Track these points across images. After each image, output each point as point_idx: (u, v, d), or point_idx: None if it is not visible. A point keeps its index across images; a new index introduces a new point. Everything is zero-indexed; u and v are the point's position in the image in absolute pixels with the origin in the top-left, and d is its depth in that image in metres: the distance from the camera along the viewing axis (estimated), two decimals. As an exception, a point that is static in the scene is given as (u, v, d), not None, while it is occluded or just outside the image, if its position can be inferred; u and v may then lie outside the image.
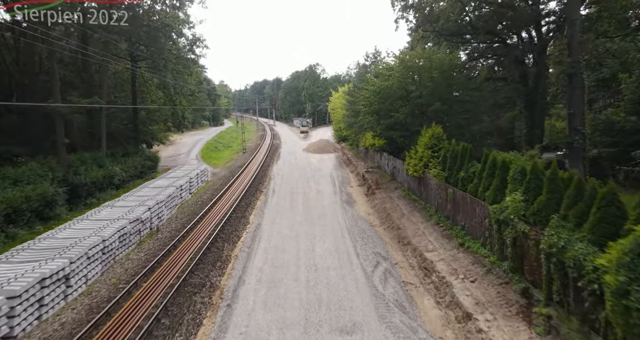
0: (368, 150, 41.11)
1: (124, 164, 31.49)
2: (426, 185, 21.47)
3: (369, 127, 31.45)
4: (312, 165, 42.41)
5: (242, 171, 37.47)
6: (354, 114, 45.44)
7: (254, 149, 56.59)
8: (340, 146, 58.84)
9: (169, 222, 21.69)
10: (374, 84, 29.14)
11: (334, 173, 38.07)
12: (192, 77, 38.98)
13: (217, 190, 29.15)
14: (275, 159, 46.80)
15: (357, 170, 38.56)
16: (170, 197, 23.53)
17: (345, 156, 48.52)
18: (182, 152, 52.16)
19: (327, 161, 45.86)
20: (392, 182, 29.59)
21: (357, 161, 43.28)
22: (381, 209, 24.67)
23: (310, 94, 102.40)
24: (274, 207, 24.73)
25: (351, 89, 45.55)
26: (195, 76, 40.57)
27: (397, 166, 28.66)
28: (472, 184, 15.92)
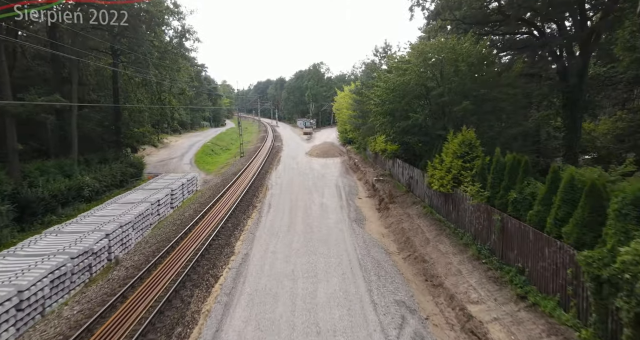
0: (378, 155, 36.71)
1: (99, 172, 27.34)
2: (457, 205, 17.05)
3: (381, 130, 27.02)
4: (315, 172, 38.07)
5: (236, 179, 33.23)
6: (361, 114, 41.09)
7: (253, 152, 52.35)
8: (346, 149, 54.44)
9: (137, 249, 17.43)
10: (388, 79, 24.74)
11: (339, 181, 33.70)
12: (180, 73, 34.86)
13: (204, 204, 24.88)
14: (275, 164, 42.50)
15: (366, 178, 34.18)
16: (143, 216, 19.30)
17: (352, 161, 44.14)
18: (174, 156, 48.03)
19: (332, 167, 41.49)
20: (408, 194, 25.19)
21: (365, 167, 38.90)
22: (398, 229, 20.28)
23: (314, 93, 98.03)
24: (267, 228, 20.39)
25: (358, 87, 41.21)
26: (184, 72, 36.36)
27: (415, 176, 24.25)
28: (533, 211, 11.50)
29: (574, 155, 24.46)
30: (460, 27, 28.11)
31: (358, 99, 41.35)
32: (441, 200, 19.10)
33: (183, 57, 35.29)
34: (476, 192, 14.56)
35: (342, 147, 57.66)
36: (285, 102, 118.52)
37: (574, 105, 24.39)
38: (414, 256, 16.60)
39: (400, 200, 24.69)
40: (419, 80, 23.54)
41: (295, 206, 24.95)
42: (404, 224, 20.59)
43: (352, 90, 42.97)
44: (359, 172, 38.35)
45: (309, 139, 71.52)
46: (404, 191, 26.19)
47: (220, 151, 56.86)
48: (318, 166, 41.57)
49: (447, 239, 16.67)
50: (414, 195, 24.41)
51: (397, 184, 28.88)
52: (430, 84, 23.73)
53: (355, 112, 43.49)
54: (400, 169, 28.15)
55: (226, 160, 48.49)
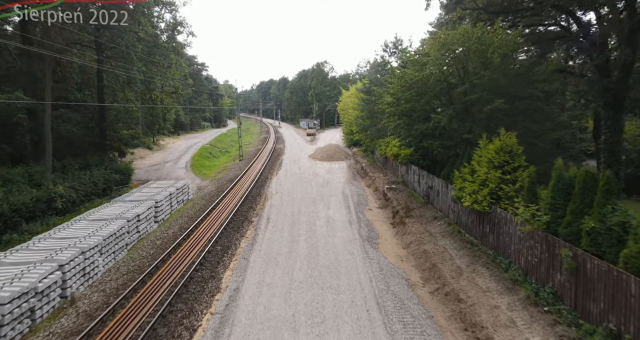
0: (388, 160, 33.39)
1: (77, 180, 24.20)
2: (496, 226, 13.72)
3: (396, 133, 23.69)
4: (319, 178, 34.79)
5: (233, 186, 30.03)
6: (370, 115, 37.87)
7: (254, 155, 49.15)
8: (352, 152, 51.13)
9: (103, 279, 14.22)
10: (404, 75, 21.42)
11: (347, 189, 30.40)
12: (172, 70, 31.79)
13: (193, 218, 21.68)
14: (275, 169, 39.25)
15: (376, 185, 30.87)
16: (116, 236, 16.10)
17: (359, 165, 40.84)
18: (169, 159, 44.88)
19: (338, 171, 38.19)
20: (426, 207, 21.86)
21: (374, 172, 35.58)
22: (419, 252, 16.96)
23: (318, 93, 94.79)
24: (264, 250, 17.11)
25: (367, 85, 37.95)
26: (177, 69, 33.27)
27: (435, 187, 20.91)
28: (629, 250, 8.17)
29: (617, 162, 21.07)
30: (481, 17, 24.76)
31: (366, 99, 38.10)
32: (473, 218, 15.76)
33: (175, 52, 32.14)
34: (530, 215, 11.22)
35: (347, 149, 54.36)
36: (288, 102, 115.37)
37: (617, 104, 21.03)
38: (445, 291, 13.27)
39: (418, 214, 21.36)
40: (441, 75, 20.25)
41: (297, 221, 21.67)
42: (426, 245, 17.27)
43: (359, 89, 39.74)
44: (367, 177, 35.05)
45: (313, 141, 68.28)
46: (421, 203, 22.87)
47: (219, 154, 53.70)
48: (322, 171, 38.29)
49: (486, 270, 13.33)
50: (434, 209, 21.08)
51: (412, 193, 25.56)
52: (452, 80, 20.43)
53: (363, 112, 40.24)
54: (416, 177, 24.82)
55: (224, 163, 45.29)
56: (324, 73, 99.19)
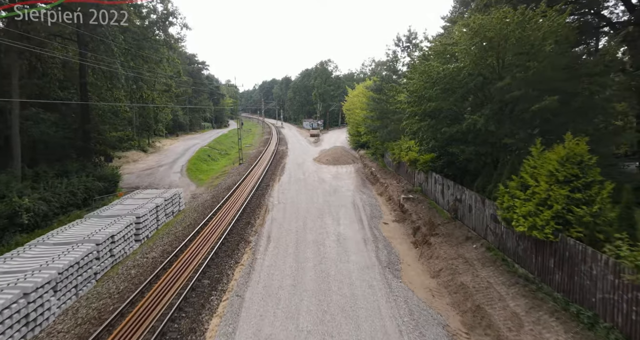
0: (402, 165, 30.05)
1: (51, 190, 21.04)
2: (570, 264, 10.37)
3: (418, 137, 20.29)
4: (326, 184, 31.49)
5: (230, 194, 26.79)
6: (380, 115, 34.52)
7: (255, 157, 45.90)
8: (359, 154, 47.80)
9: (56, 327, 10.97)
10: (429, 68, 18.05)
11: (357, 197, 27.10)
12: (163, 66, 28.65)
13: (180, 237, 18.43)
14: (278, 174, 35.97)
15: (389, 193, 27.56)
16: (78, 267, 12.88)
17: (368, 169, 37.53)
18: (164, 163, 41.71)
19: (345, 177, 34.87)
20: (454, 224, 18.52)
21: (386, 178, 32.26)
22: (454, 285, 13.64)
23: (321, 93, 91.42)
24: (263, 282, 13.81)
25: (377, 83, 34.62)
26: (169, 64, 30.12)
27: (466, 200, 17.56)
28: None
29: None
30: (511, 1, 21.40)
31: (377, 98, 34.76)
32: (526, 246, 12.43)
33: (168, 46, 28.91)
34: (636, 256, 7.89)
35: (354, 151, 51.03)
36: (291, 102, 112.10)
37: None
38: (500, 349, 9.96)
39: (445, 232, 18.03)
40: (474, 68, 16.90)
41: (303, 240, 18.38)
42: (462, 275, 13.94)
43: (369, 87, 36.42)
44: (378, 184, 31.73)
45: (317, 142, 64.98)
46: (447, 218, 19.53)
47: (218, 156, 50.49)
48: (329, 176, 34.98)
49: (557, 323, 9.98)
50: (464, 226, 17.74)
51: (433, 205, 22.23)
52: (488, 74, 17.08)
53: (373, 112, 36.91)
54: (439, 187, 21.48)
55: (223, 167, 42.07)
56: (328, 72, 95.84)
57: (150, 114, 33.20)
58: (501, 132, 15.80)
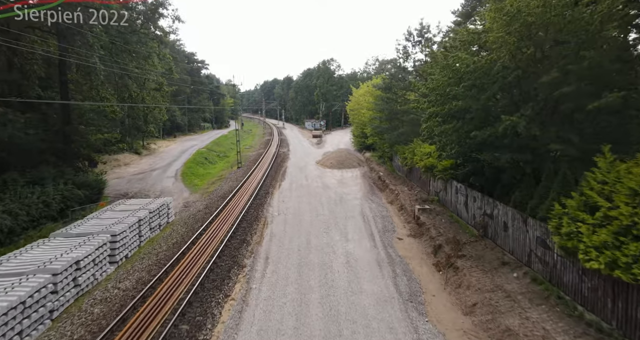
0: (415, 171, 27.27)
1: (19, 201, 18.35)
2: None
3: (441, 142, 17.47)
4: (330, 191, 28.73)
5: (226, 203, 24.08)
6: (389, 116, 31.73)
7: (254, 161, 43.17)
8: (364, 157, 45.02)
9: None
10: (457, 60, 15.25)
11: (365, 207, 24.36)
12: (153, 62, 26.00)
13: (162, 260, 15.68)
14: (278, 179, 33.21)
15: (400, 202, 24.80)
16: (24, 309, 10.17)
17: (375, 173, 34.75)
18: (158, 167, 39.02)
19: (352, 183, 32.10)
20: (484, 243, 15.75)
21: (396, 183, 29.50)
22: (496, 330, 10.83)
23: (324, 92, 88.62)
24: (257, 327, 11.00)
25: (386, 81, 31.82)
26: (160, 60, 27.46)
27: (499, 216, 14.77)
28: None
29: None
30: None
31: (385, 97, 31.95)
32: (597, 284, 9.63)
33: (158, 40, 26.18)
34: None
35: (359, 154, 48.25)
36: (293, 102, 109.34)
37: None
38: None
39: (474, 254, 15.25)
40: (512, 60, 14.12)
41: (306, 262, 15.63)
42: (505, 316, 11.14)
43: (376, 86, 33.64)
44: (387, 191, 28.95)
45: (319, 144, 62.22)
46: (473, 235, 16.76)
47: (217, 159, 47.78)
48: (334, 182, 32.20)
49: None
50: (497, 247, 14.97)
51: (454, 218, 19.45)
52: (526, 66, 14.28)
53: (381, 113, 34.12)
54: (461, 198, 18.69)
55: (220, 171, 39.35)
56: (330, 71, 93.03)
57: (140, 115, 30.50)
58: (547, 136, 13.00)
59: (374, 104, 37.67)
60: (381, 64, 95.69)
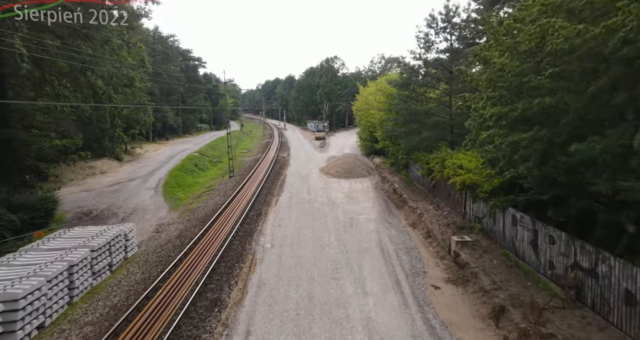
0: (442, 185, 21.69)
1: None
2: None
3: (504, 158, 11.85)
4: (338, 210, 23.22)
5: (206, 229, 18.63)
6: (407, 118, 26.14)
7: (250, 168, 37.70)
8: (374, 163, 39.47)
9: None
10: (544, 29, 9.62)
11: (383, 234, 18.84)
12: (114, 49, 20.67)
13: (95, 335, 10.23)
14: (275, 193, 27.68)
15: (426, 225, 19.32)
16: None
17: (389, 185, 29.21)
18: (138, 176, 33.64)
19: (362, 197, 26.55)
20: (581, 315, 10.17)
21: (416, 199, 24.01)
22: None
23: (327, 92, 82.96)
24: None
25: (404, 77, 26.20)
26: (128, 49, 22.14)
27: (617, 279, 9.18)
28: None
29: None
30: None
31: (403, 95, 26.36)
32: None
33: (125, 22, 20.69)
34: None
35: (367, 159, 42.68)
36: (295, 102, 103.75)
37: None
38: None
39: (568, 333, 9.68)
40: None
41: None
42: None
43: (391, 82, 28.01)
44: (406, 208, 23.45)
45: (323, 147, 56.70)
46: (554, 295, 11.19)
47: (208, 165, 42.37)
48: (341, 196, 26.67)
49: None
50: (609, 325, 9.39)
51: (511, 258, 13.88)
52: None
53: (396, 114, 28.54)
54: (525, 233, 13.08)
55: (210, 180, 33.93)
56: (334, 70, 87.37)
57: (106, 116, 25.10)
58: None
59: (387, 104, 32.11)
60: (387, 62, 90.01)
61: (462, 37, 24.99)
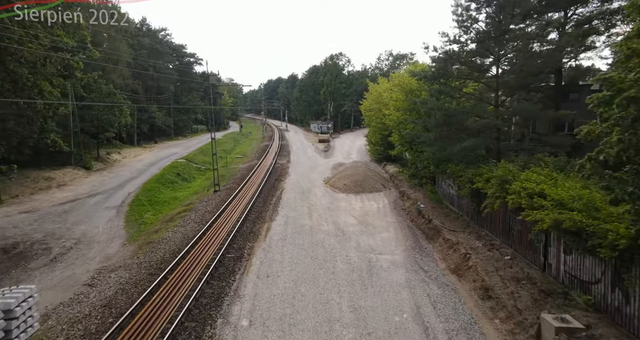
0: (501, 216, 15.06)
1: None
2: None
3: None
4: (349, 245, 16.80)
5: (159, 282, 12.29)
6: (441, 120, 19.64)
7: (242, 178, 31.35)
8: (387, 172, 33.03)
9: None
10: None
11: (420, 294, 12.40)
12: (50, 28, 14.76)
13: None
14: (267, 217, 21.25)
15: (479, 276, 13.02)
16: None
17: (410, 202, 22.89)
18: (103, 189, 27.38)
19: (381, 223, 20.08)
20: None
21: (450, 225, 17.64)
22: None
23: (332, 91, 76.36)
24: None
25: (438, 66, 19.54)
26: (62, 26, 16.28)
27: None
28: None
29: None
30: None
31: (437, 90, 19.86)
32: None
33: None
34: None
35: (379, 167, 36.21)
36: (297, 102, 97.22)
37: None
38: None
39: None
40: None
41: None
42: None
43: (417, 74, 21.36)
44: (440, 240, 17.14)
45: (327, 151, 50.28)
46: None
47: (195, 174, 36.02)
48: (352, 222, 20.22)
49: None
50: None
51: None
52: None
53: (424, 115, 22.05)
54: None
55: (192, 195, 27.60)
56: (339, 67, 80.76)
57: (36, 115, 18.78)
58: None
59: (408, 103, 25.65)
60: (395, 59, 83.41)
61: (512, 13, 18.45)
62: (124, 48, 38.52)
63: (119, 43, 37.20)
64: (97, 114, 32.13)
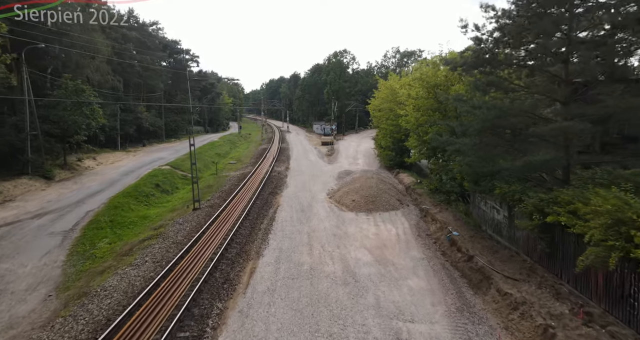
0: (602, 277, 9.66)
1: None
2: None
3: None
4: (366, 304, 11.45)
5: None
6: (491, 120, 14.17)
7: (231, 190, 26.00)
8: (402, 184, 27.64)
9: None
10: None
11: None
12: None
13: None
14: (253, 252, 15.95)
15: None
16: None
17: (437, 226, 17.65)
18: (58, 206, 22.17)
19: (405, 263, 14.69)
20: None
21: (502, 267, 12.18)
22: None
23: (335, 90, 70.87)
24: None
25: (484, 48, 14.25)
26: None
27: None
28: None
29: None
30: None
31: (483, 82, 14.44)
32: None
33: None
34: None
35: (390, 176, 30.83)
36: (299, 102, 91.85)
37: None
38: None
39: None
40: None
41: None
42: None
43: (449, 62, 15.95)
44: (492, 292, 11.73)
45: (331, 155, 44.93)
46: None
47: (179, 183, 30.76)
48: (366, 259, 14.85)
49: None
50: None
51: None
52: None
53: (466, 116, 16.68)
54: None
55: (166, 214, 22.26)
56: (344, 65, 75.24)
57: None
58: None
59: (433, 101, 20.28)
60: (403, 56, 77.90)
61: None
62: (100, 39, 33.47)
63: (95, 34, 32.18)
64: (62, 115, 26.99)
